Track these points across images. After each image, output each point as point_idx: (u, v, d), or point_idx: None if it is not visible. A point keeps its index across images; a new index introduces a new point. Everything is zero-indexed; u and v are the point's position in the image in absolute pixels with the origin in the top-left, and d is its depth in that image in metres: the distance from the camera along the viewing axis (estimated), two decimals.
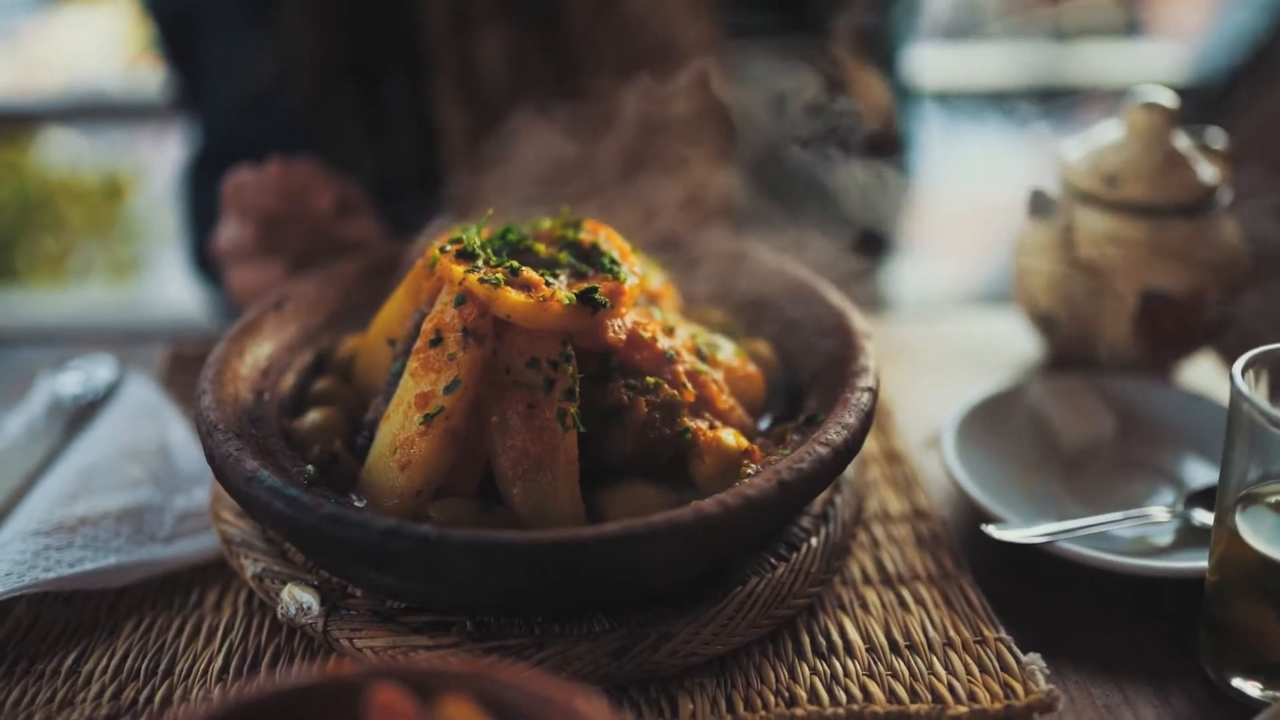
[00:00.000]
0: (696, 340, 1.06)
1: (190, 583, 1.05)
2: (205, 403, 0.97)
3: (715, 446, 0.96)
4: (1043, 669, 0.91)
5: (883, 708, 0.88)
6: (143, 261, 4.32)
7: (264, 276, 1.36)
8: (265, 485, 0.86)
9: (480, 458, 0.96)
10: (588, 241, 1.05)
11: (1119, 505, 1.14)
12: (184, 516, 1.10)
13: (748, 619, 0.93)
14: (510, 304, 0.93)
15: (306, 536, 0.85)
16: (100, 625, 0.99)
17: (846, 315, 1.11)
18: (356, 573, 0.90)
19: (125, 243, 4.38)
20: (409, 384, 0.95)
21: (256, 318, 1.12)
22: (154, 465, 1.17)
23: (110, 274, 4.26)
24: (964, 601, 1.01)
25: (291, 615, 0.94)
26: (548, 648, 0.88)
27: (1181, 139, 1.32)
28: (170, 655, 0.95)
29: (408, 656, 0.89)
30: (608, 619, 0.91)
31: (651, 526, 0.82)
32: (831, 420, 0.95)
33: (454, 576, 0.82)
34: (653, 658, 0.89)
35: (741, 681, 0.91)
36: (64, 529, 1.04)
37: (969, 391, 1.27)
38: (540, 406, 0.92)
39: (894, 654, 0.95)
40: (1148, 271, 1.28)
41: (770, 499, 0.86)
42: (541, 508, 0.91)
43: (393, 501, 0.93)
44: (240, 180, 1.35)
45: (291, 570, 0.97)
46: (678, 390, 0.98)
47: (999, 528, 1.02)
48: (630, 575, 0.86)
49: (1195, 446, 1.22)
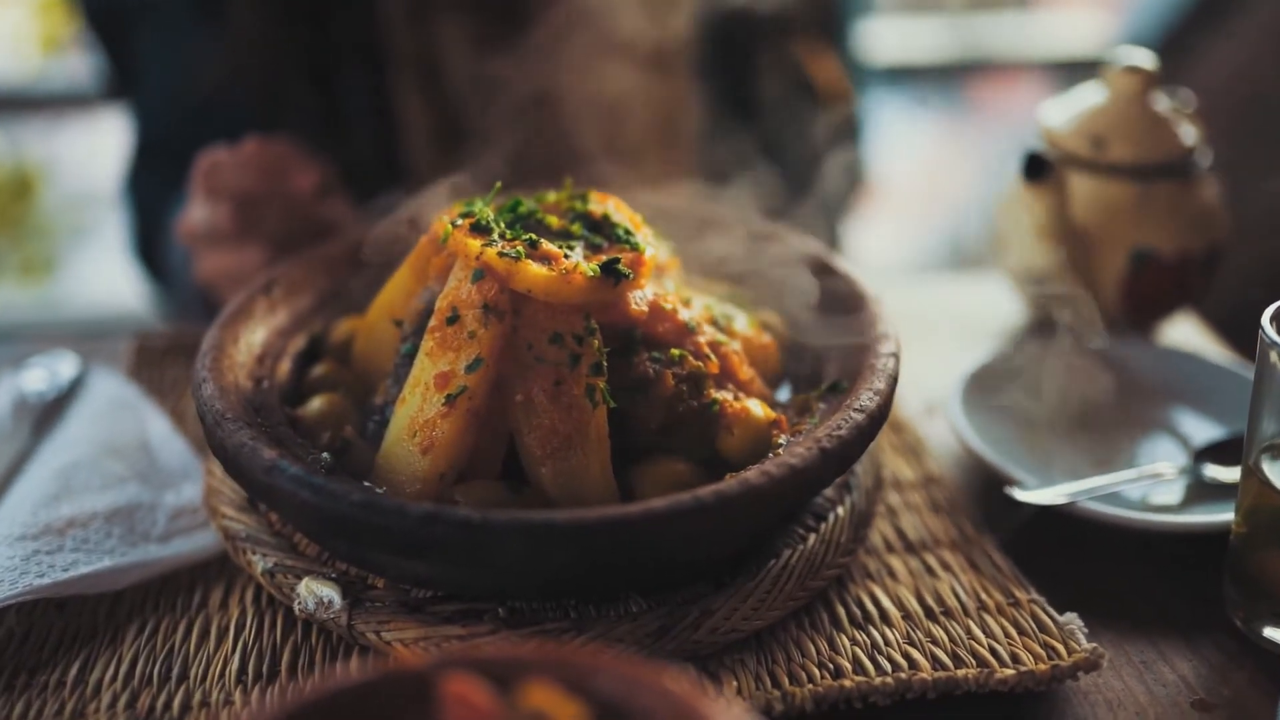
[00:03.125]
0: (711, 311, 1.04)
1: (191, 582, 0.99)
2: (208, 392, 0.92)
3: (744, 418, 0.94)
4: (1081, 628, 0.91)
5: (930, 675, 0.87)
6: (57, 260, 4.15)
7: (240, 260, 1.30)
8: (289, 475, 0.82)
9: (503, 438, 0.92)
10: (598, 213, 1.01)
11: (1125, 463, 1.15)
12: (177, 514, 1.05)
13: (785, 591, 0.91)
14: (531, 278, 0.89)
15: (336, 526, 0.81)
16: (100, 631, 0.93)
17: (857, 281, 1.10)
18: (385, 562, 0.86)
19: (36, 240, 4.20)
20: (425, 364, 0.91)
21: (247, 302, 1.07)
22: (137, 461, 1.11)
23: (20, 274, 4.08)
24: (990, 565, 1.00)
25: (311, 610, 0.89)
26: (587, 631, 0.86)
27: (1163, 101, 1.34)
28: (182, 658, 0.90)
29: (441, 647, 0.85)
30: (644, 599, 0.89)
31: (699, 500, 0.80)
32: (862, 386, 0.94)
33: (497, 561, 0.79)
34: (694, 636, 0.87)
35: (782, 656, 0.90)
36: (52, 532, 0.98)
37: (959, 358, 1.27)
38: (567, 383, 0.89)
39: (930, 621, 0.94)
40: (1136, 232, 1.29)
41: (814, 467, 0.84)
42: (573, 487, 0.88)
43: (415, 487, 0.89)
44: (214, 159, 1.28)
45: (306, 564, 0.93)
46: (702, 362, 0.96)
47: (1021, 490, 1.02)
48: (676, 551, 0.83)
49: (1190, 402, 1.24)
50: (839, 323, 1.07)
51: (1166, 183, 1.29)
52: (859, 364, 0.98)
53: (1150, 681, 0.91)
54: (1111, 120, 1.31)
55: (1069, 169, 1.32)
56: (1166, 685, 0.90)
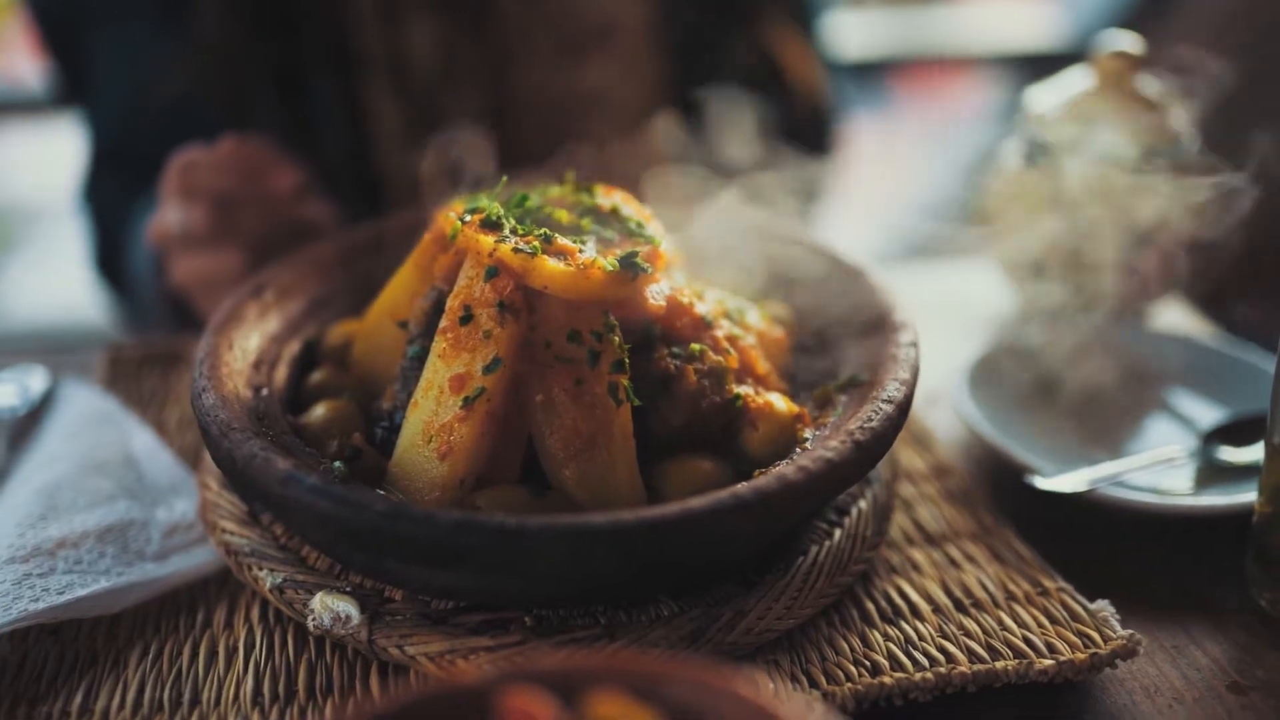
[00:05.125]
0: (724, 305, 1.02)
1: (191, 601, 0.95)
2: (209, 401, 0.88)
3: (767, 413, 0.92)
4: (1114, 614, 0.90)
5: (968, 668, 0.85)
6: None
7: (216, 264, 1.24)
8: (307, 486, 0.78)
9: (521, 441, 0.89)
10: (606, 206, 0.99)
11: (1129, 446, 1.15)
12: (171, 530, 1.00)
13: (815, 589, 0.89)
14: (548, 274, 0.86)
15: (359, 538, 0.77)
16: (101, 656, 0.89)
17: (866, 273, 1.08)
18: (408, 573, 0.83)
19: None
20: (439, 366, 0.87)
21: (238, 307, 1.02)
22: (123, 477, 1.05)
23: None
24: (1013, 554, 0.99)
25: (327, 626, 0.85)
26: (620, 637, 0.83)
27: (1150, 85, 1.34)
28: (191, 682, 0.86)
29: (469, 660, 0.82)
30: (674, 602, 0.86)
31: (739, 498, 0.77)
32: (886, 376, 0.92)
33: (534, 568, 0.76)
34: (728, 638, 0.84)
35: (815, 655, 0.87)
36: (42, 553, 0.93)
37: (954, 347, 1.26)
38: (588, 382, 0.86)
39: (961, 613, 0.92)
40: (1129, 216, 1.29)
41: (849, 461, 0.83)
42: (598, 489, 0.85)
43: (434, 494, 0.85)
44: (189, 159, 1.23)
45: (318, 578, 0.89)
46: (722, 356, 0.93)
47: (1042, 478, 1.01)
48: (715, 551, 0.81)
49: (1187, 384, 1.24)
50: (850, 312, 1.05)
51: (1159, 166, 1.29)
52: (876, 355, 0.97)
53: (1184, 666, 0.90)
54: (1100, 105, 1.31)
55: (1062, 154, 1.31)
56: (1200, 669, 0.90)
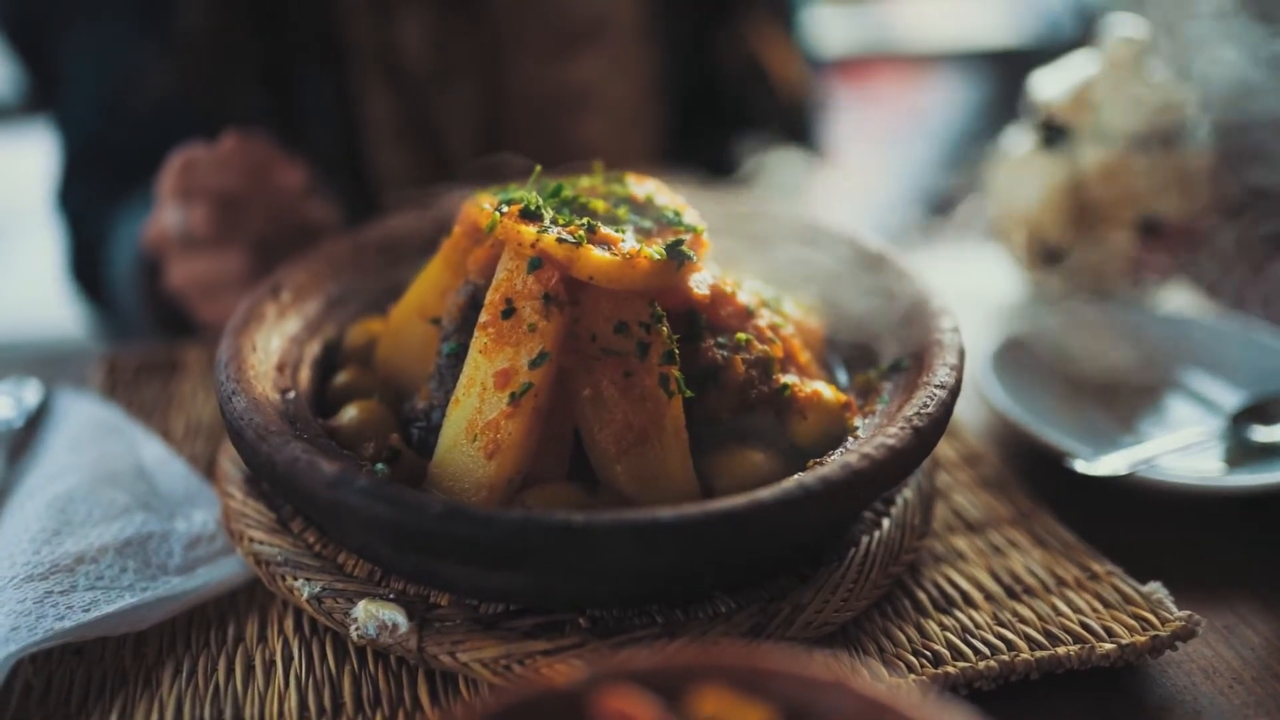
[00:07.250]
0: (761, 295, 1.00)
1: (219, 614, 0.91)
2: (241, 405, 0.84)
3: (816, 402, 0.90)
4: (1168, 596, 0.89)
5: (1030, 656, 0.84)
6: None
7: (219, 266, 1.20)
8: (358, 488, 0.74)
9: (567, 437, 0.86)
10: (640, 196, 0.96)
11: (1154, 427, 1.15)
12: (193, 542, 0.96)
13: (870, 580, 0.87)
14: (594, 264, 0.83)
15: (414, 540, 0.74)
16: (130, 676, 0.84)
17: (894, 260, 1.07)
18: (459, 575, 0.80)
19: None
20: (480, 362, 0.84)
21: (257, 307, 0.98)
22: (136, 489, 1.01)
23: None
24: (1055, 539, 0.98)
25: (373, 636, 0.82)
26: (680, 635, 0.80)
27: (1158, 69, 1.34)
28: (231, 699, 0.82)
29: (527, 666, 0.79)
30: (731, 598, 0.84)
31: (806, 488, 0.75)
32: (935, 362, 0.90)
33: (599, 566, 0.73)
34: (787, 632, 0.82)
35: (874, 647, 0.85)
36: (61, 570, 0.88)
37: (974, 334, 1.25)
38: (638, 374, 0.84)
39: (1014, 600, 0.91)
40: (1143, 198, 1.29)
41: (910, 448, 0.81)
42: (652, 484, 0.83)
43: (481, 494, 0.82)
44: (190, 158, 1.18)
45: (358, 585, 0.85)
46: (767, 346, 0.91)
47: (1083, 463, 1.00)
48: (781, 542, 0.79)
49: (1203, 364, 1.24)
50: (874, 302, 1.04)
51: (1169, 148, 1.29)
52: (917, 342, 0.95)
53: (1238, 645, 0.89)
54: (1110, 90, 1.31)
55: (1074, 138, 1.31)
56: (1254, 648, 0.89)
